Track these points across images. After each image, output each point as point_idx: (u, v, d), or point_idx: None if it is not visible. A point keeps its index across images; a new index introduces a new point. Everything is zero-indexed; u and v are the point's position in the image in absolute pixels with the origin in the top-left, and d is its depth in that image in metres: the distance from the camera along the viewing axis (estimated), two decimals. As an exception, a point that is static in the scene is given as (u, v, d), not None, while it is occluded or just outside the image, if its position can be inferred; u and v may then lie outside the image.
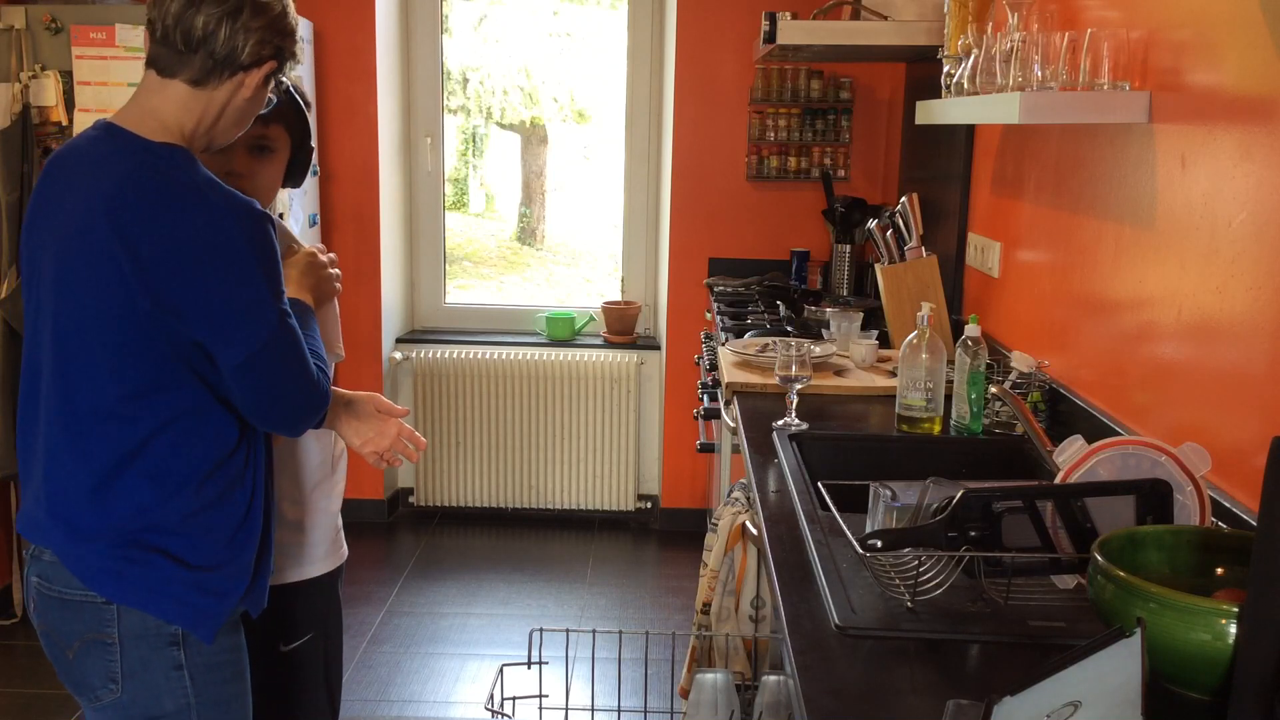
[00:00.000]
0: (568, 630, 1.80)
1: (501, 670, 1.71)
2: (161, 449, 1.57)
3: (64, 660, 1.63)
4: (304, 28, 4.03)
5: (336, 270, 1.91)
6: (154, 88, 1.57)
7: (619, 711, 2.35)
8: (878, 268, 3.03)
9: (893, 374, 2.49)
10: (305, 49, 1.68)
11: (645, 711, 2.03)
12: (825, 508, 1.72)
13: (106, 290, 1.50)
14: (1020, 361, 2.31)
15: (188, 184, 1.52)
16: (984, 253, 3.00)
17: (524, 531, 4.63)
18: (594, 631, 1.87)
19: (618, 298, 4.82)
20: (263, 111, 1.69)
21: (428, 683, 3.39)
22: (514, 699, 1.71)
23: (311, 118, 1.99)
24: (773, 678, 1.77)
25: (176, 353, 1.54)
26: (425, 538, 4.55)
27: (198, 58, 1.55)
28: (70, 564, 1.58)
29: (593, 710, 1.88)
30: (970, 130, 3.18)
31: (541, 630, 1.77)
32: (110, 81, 3.44)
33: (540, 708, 1.72)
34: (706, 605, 2.26)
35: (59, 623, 1.62)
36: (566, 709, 1.76)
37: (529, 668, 1.73)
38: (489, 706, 1.65)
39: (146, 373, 1.54)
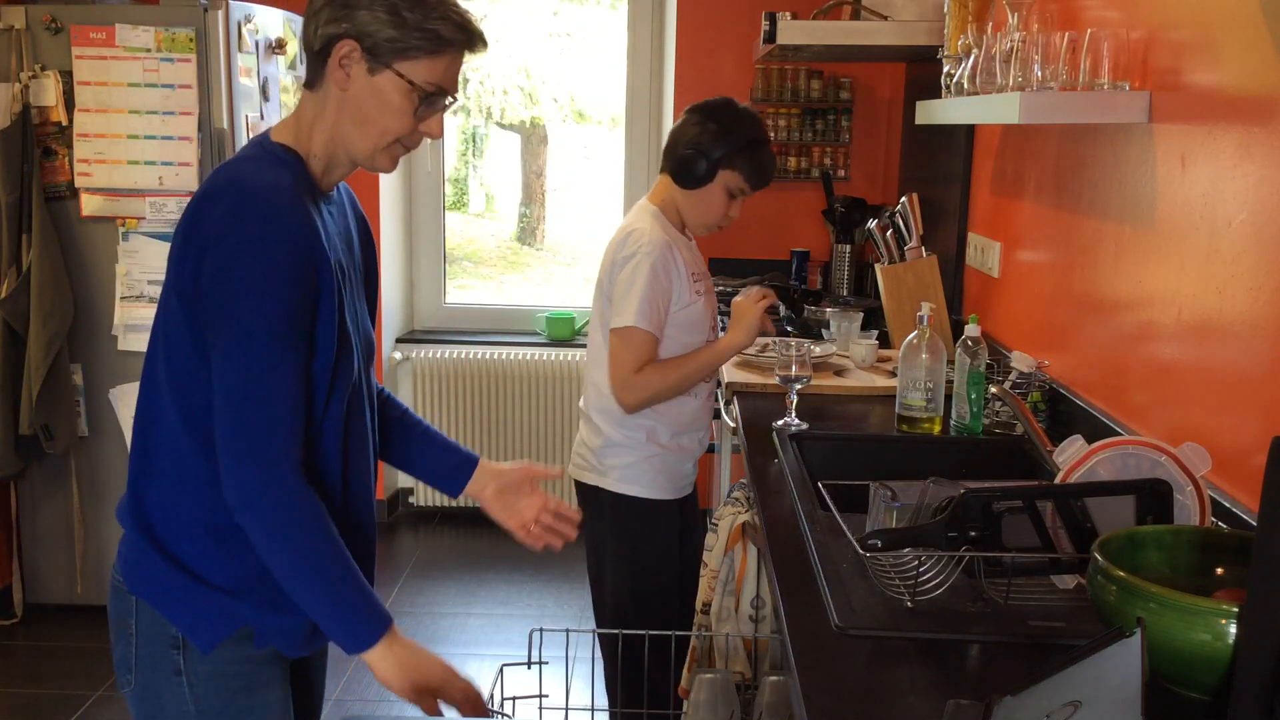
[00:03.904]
0: (568, 630, 1.79)
1: (501, 670, 1.70)
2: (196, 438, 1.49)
3: (111, 646, 1.62)
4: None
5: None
6: (300, 98, 1.56)
7: (619, 711, 2.34)
8: (878, 268, 3.03)
9: (893, 374, 2.49)
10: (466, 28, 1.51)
11: (645, 711, 2.03)
12: (825, 508, 1.72)
13: (168, 281, 1.49)
14: (1020, 361, 2.31)
15: (265, 186, 1.44)
16: (984, 253, 3.00)
17: (524, 531, 4.63)
18: (594, 631, 1.88)
19: (618, 298, 4.81)
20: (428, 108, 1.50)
21: (428, 683, 3.39)
22: (514, 699, 1.70)
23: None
24: (772, 678, 1.77)
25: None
26: (425, 538, 4.55)
27: (307, 58, 1.52)
28: (120, 546, 1.58)
29: (593, 710, 1.87)
30: (970, 130, 3.18)
31: (541, 630, 1.77)
32: (110, 81, 3.43)
33: (540, 707, 1.72)
34: (706, 605, 2.26)
35: (110, 607, 1.61)
36: (566, 709, 1.76)
37: (529, 668, 1.73)
38: (489, 706, 1.65)
39: (187, 354, 1.47)
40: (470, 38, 1.51)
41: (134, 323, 3.53)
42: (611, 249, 2.41)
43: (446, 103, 1.53)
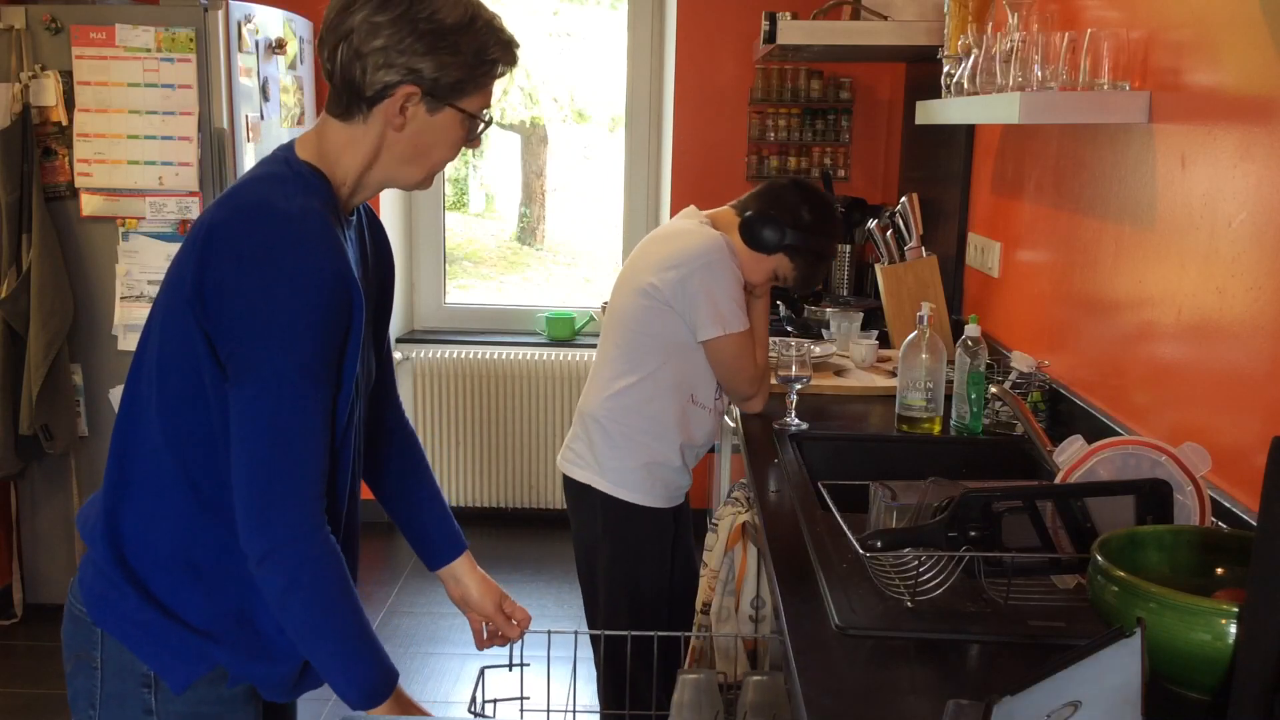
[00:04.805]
0: (549, 631, 1.80)
1: (482, 672, 1.70)
2: (196, 458, 1.40)
3: (66, 675, 1.53)
4: (304, 27, 4.03)
5: None
6: (321, 120, 1.47)
7: (600, 713, 2.34)
8: (878, 268, 3.03)
9: (893, 374, 2.49)
10: (505, 54, 1.49)
11: (628, 712, 2.03)
12: (825, 508, 1.71)
13: (176, 295, 1.39)
14: (1020, 361, 2.31)
15: (297, 212, 1.35)
16: (984, 253, 3.00)
17: (524, 531, 4.63)
18: (575, 633, 1.87)
19: (618, 298, 4.81)
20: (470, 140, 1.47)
21: (427, 683, 3.39)
22: (495, 701, 1.70)
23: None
24: (755, 677, 1.76)
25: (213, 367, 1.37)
26: (425, 538, 4.54)
27: (334, 89, 1.42)
28: (81, 571, 1.50)
29: (574, 711, 1.86)
30: (970, 130, 3.18)
31: (524, 631, 1.78)
32: (110, 81, 3.43)
33: (521, 710, 1.72)
34: (706, 605, 2.26)
35: (66, 634, 1.52)
36: (549, 710, 1.75)
37: (509, 669, 1.73)
38: (471, 709, 1.65)
39: (185, 375, 1.38)
40: (514, 55, 1.49)
41: (134, 323, 3.53)
42: (673, 257, 2.34)
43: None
